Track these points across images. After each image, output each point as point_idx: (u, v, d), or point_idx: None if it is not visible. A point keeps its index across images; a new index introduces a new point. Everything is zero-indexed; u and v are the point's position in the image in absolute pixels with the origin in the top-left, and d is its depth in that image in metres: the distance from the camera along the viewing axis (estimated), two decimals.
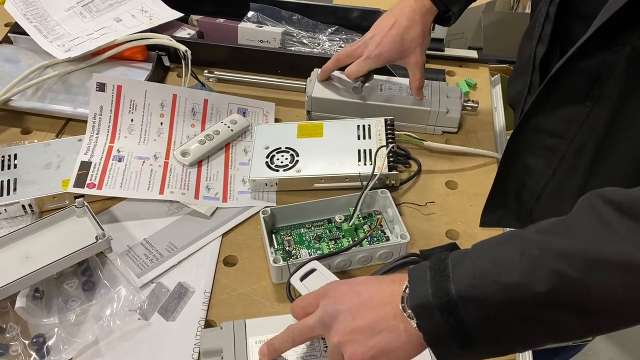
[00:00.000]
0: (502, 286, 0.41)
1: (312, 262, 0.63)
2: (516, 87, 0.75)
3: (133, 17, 0.98)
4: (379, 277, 0.50)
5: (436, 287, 0.43)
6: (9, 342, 0.60)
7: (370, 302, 0.47)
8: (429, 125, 0.87)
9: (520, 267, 0.41)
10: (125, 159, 0.78)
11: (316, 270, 0.61)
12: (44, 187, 0.74)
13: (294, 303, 0.54)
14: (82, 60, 0.92)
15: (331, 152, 0.79)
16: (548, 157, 0.63)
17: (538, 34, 0.65)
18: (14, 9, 0.96)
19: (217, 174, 0.80)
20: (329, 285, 0.52)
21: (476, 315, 0.42)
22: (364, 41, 0.82)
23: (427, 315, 0.43)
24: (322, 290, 0.51)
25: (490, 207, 0.71)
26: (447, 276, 0.43)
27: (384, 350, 0.45)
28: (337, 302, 0.48)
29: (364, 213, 0.74)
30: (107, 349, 0.61)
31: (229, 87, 0.95)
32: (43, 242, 0.66)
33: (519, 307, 0.41)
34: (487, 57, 1.03)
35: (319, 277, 0.61)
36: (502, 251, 0.43)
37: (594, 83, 0.56)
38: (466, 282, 0.42)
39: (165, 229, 0.73)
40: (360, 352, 0.46)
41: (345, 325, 0.47)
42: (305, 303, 0.52)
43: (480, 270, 0.43)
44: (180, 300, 0.66)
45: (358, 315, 0.46)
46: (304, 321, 0.50)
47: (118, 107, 0.82)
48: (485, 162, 0.84)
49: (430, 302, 0.43)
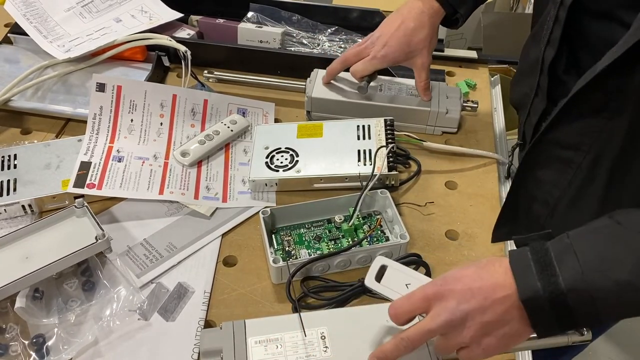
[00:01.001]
0: (611, 282, 0.45)
1: (378, 259, 0.58)
2: (521, 89, 0.74)
3: (133, 17, 0.98)
4: (484, 268, 0.51)
5: (545, 281, 0.47)
6: (8, 342, 0.60)
7: (494, 295, 0.49)
8: (428, 126, 0.87)
9: (628, 266, 0.45)
10: (125, 159, 0.78)
11: (388, 266, 0.58)
12: (44, 188, 0.74)
13: (396, 307, 0.52)
14: (82, 60, 0.92)
15: (331, 153, 0.79)
16: (562, 169, 0.63)
17: (547, 37, 0.64)
18: (14, 10, 0.97)
19: (217, 174, 0.80)
20: (438, 286, 0.51)
21: (584, 305, 0.46)
22: (371, 41, 0.82)
23: (537, 307, 0.47)
24: (432, 292, 0.51)
25: (501, 222, 0.72)
26: (553, 269, 0.47)
27: (512, 336, 0.50)
28: (461, 301, 0.49)
29: (363, 213, 0.75)
30: (106, 349, 0.61)
31: (229, 87, 0.95)
32: (43, 243, 0.66)
33: (626, 299, 0.46)
34: (487, 57, 1.03)
35: (397, 275, 0.57)
36: (606, 247, 0.47)
37: (611, 96, 0.56)
38: (574, 276, 0.46)
39: (165, 229, 0.73)
40: (494, 343, 0.50)
41: (478, 321, 0.49)
42: (412, 307, 0.52)
43: (588, 266, 0.46)
44: (180, 300, 0.66)
45: (487, 310, 0.49)
46: (423, 326, 0.51)
47: (118, 108, 0.82)
48: (484, 162, 0.84)
49: (541, 295, 0.47)
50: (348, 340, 0.57)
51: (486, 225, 0.75)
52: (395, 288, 0.56)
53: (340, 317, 0.60)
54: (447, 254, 0.72)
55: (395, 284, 0.57)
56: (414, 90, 0.87)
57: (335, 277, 0.68)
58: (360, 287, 0.65)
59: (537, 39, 0.68)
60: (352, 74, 0.83)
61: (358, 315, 0.60)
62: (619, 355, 1.54)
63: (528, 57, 0.73)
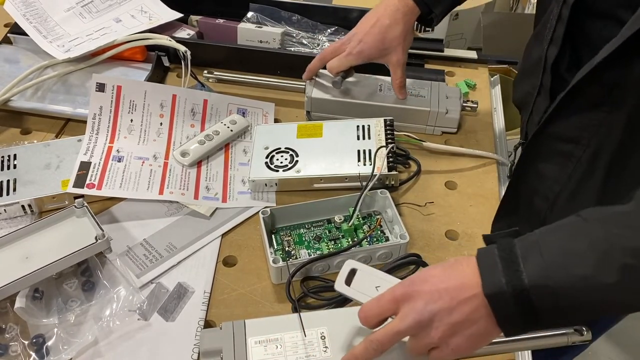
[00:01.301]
0: (573, 277, 0.45)
1: (348, 262, 0.58)
2: (524, 88, 0.75)
3: (133, 17, 0.98)
4: (452, 267, 0.51)
5: (509, 277, 0.47)
6: (8, 342, 0.60)
7: (461, 295, 0.49)
8: (428, 126, 0.87)
9: (590, 261, 0.45)
10: (124, 159, 0.78)
11: (358, 269, 0.58)
12: (44, 188, 0.74)
13: (365, 311, 0.52)
14: (81, 60, 0.92)
15: (331, 153, 0.79)
16: (562, 162, 0.63)
17: (550, 35, 0.64)
18: (14, 10, 0.96)
19: (217, 174, 0.80)
20: (406, 287, 0.51)
21: (547, 301, 0.46)
22: (347, 38, 0.83)
23: (502, 302, 0.47)
24: (400, 294, 0.51)
25: (501, 215, 0.72)
26: (517, 266, 0.47)
27: (480, 336, 0.50)
28: (429, 302, 0.49)
29: (363, 213, 0.75)
30: (106, 349, 0.61)
31: (229, 87, 0.95)
32: (43, 243, 0.66)
33: (589, 295, 0.46)
34: (487, 57, 1.03)
35: (367, 277, 0.57)
36: (570, 243, 0.47)
37: (611, 89, 0.56)
38: (538, 272, 0.46)
39: (164, 229, 0.73)
40: (463, 343, 0.50)
41: (445, 322, 0.49)
42: (380, 310, 0.52)
43: (551, 261, 0.46)
44: (179, 300, 0.66)
45: (454, 310, 0.49)
46: (391, 327, 0.51)
47: (118, 108, 0.82)
48: (484, 162, 0.84)
49: (504, 290, 0.47)
50: (348, 340, 0.57)
51: (486, 225, 0.75)
52: (365, 291, 0.56)
53: (340, 317, 0.60)
54: (447, 254, 0.72)
55: (366, 287, 0.56)
56: (413, 90, 0.87)
57: (335, 277, 0.68)
58: None
59: (539, 38, 0.68)
60: (329, 69, 0.84)
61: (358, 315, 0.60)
62: (619, 355, 1.54)
63: (531, 56, 0.73)
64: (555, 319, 0.48)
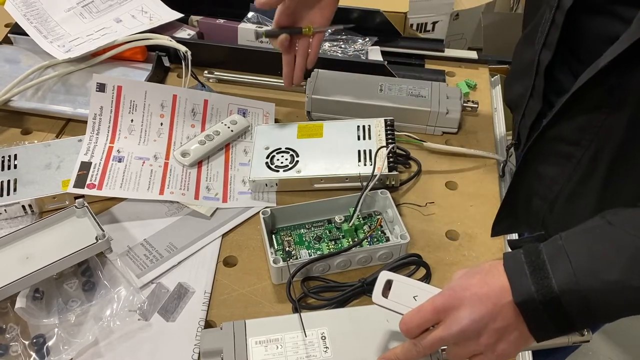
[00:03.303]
0: (602, 282, 0.46)
1: (383, 274, 0.57)
2: (516, 89, 0.74)
3: (133, 17, 0.98)
4: (489, 273, 0.51)
5: (538, 284, 0.47)
6: (9, 342, 0.60)
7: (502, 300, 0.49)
8: (428, 126, 0.87)
9: (618, 265, 0.46)
10: (125, 160, 0.78)
11: (393, 280, 0.56)
12: (44, 188, 0.74)
13: (407, 322, 0.52)
14: (82, 60, 0.92)
15: (331, 153, 0.79)
16: (562, 164, 0.63)
17: (542, 39, 0.64)
18: (14, 10, 0.96)
19: (217, 175, 0.80)
20: (447, 297, 0.51)
21: (578, 306, 0.47)
22: None
23: (531, 309, 0.48)
24: (441, 304, 0.51)
25: (500, 217, 0.72)
26: (546, 272, 0.47)
27: (523, 338, 0.50)
28: (472, 311, 0.50)
29: (364, 213, 0.75)
30: (107, 349, 0.61)
31: (229, 87, 0.95)
32: (43, 243, 0.66)
33: (619, 297, 0.46)
34: (487, 57, 1.03)
35: (403, 288, 0.56)
36: (597, 247, 0.48)
37: (612, 91, 0.56)
38: (566, 278, 0.47)
39: (165, 229, 0.73)
40: (507, 347, 0.51)
41: (490, 329, 0.50)
42: (422, 321, 0.52)
43: (579, 267, 0.47)
44: (180, 300, 0.66)
45: (498, 316, 0.49)
46: (436, 335, 0.51)
47: (118, 108, 0.82)
48: (485, 162, 0.84)
49: (535, 298, 0.47)
50: (348, 340, 0.57)
51: (486, 225, 0.75)
52: (404, 302, 0.55)
53: (340, 317, 0.60)
54: (447, 254, 0.72)
55: (403, 298, 0.56)
56: (414, 90, 0.87)
57: (335, 278, 0.68)
58: (360, 287, 0.65)
59: (530, 40, 0.68)
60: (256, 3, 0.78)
61: (358, 315, 0.60)
62: (619, 355, 1.54)
63: (522, 58, 0.73)
64: (587, 322, 0.50)
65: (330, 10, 0.80)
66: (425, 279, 0.67)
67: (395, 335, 0.58)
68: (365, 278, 0.66)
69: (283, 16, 0.79)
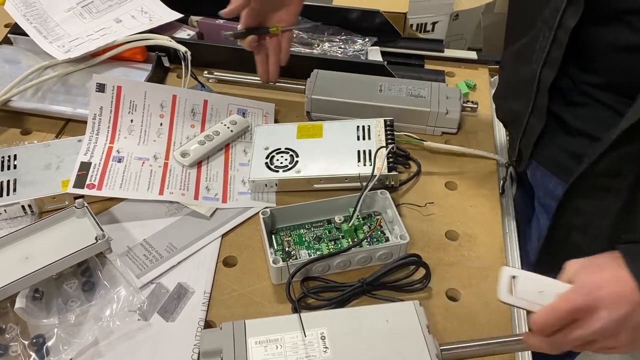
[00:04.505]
0: None
1: (505, 269, 0.55)
2: (511, 106, 0.73)
3: (133, 18, 0.98)
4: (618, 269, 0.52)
5: None
6: (8, 342, 0.60)
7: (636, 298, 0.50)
8: (428, 126, 0.87)
9: None
10: (125, 160, 0.78)
11: (517, 276, 0.55)
12: (44, 188, 0.74)
13: (541, 322, 0.52)
14: (82, 61, 0.92)
15: (331, 153, 0.79)
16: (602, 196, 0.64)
17: (542, 59, 0.63)
18: (14, 10, 0.97)
19: (217, 175, 0.80)
20: (585, 296, 0.51)
21: None
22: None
23: None
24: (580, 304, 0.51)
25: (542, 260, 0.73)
26: None
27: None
28: (611, 310, 0.50)
29: (363, 214, 0.75)
30: (106, 349, 0.61)
31: (229, 87, 0.95)
32: (43, 243, 0.66)
33: None
34: (487, 58, 1.03)
35: (528, 282, 0.55)
36: None
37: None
38: None
39: (164, 229, 0.73)
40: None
41: (629, 326, 0.51)
42: (557, 321, 0.52)
43: None
44: (179, 300, 0.66)
45: (634, 313, 0.50)
46: (576, 335, 0.52)
47: (118, 108, 0.82)
48: (485, 163, 0.84)
49: None
50: (348, 340, 0.57)
51: (486, 225, 0.75)
52: (532, 298, 0.54)
53: (340, 317, 0.60)
54: (447, 255, 0.72)
55: (529, 294, 0.54)
56: (413, 91, 0.87)
57: (335, 278, 0.68)
58: (360, 287, 0.65)
59: (525, 59, 0.67)
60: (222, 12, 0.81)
61: (358, 315, 0.60)
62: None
63: (515, 76, 0.72)
64: None
65: (296, 7, 0.82)
66: (425, 279, 0.67)
67: (395, 335, 0.58)
68: (365, 278, 0.66)
69: (249, 17, 0.81)
